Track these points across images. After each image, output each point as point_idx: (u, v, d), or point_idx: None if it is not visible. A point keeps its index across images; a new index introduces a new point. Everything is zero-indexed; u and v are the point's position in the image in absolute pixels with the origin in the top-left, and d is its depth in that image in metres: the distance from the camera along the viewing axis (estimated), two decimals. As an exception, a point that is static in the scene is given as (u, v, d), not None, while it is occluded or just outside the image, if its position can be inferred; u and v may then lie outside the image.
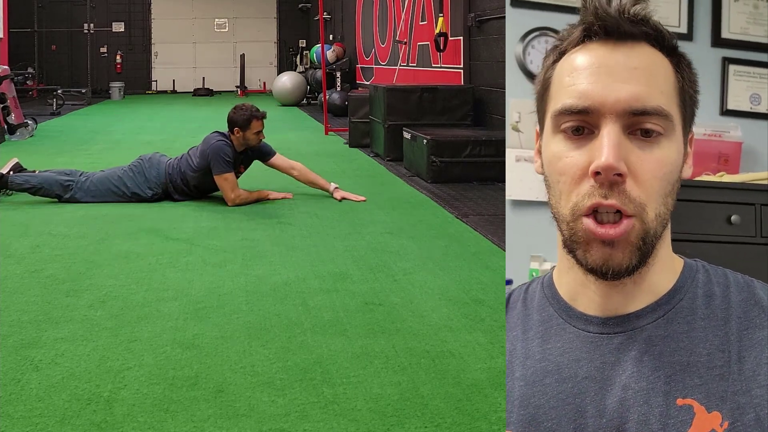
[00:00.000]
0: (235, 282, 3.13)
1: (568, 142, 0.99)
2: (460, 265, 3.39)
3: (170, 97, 18.03)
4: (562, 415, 0.98)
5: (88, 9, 16.15)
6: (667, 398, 0.94)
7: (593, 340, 1.01)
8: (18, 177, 4.79)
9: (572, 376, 1.00)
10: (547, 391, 1.00)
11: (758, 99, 3.30)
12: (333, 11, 15.11)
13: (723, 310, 1.00)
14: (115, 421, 1.93)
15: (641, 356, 0.98)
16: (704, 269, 1.05)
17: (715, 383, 0.94)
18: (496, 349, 2.40)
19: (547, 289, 1.09)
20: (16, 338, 2.48)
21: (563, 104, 0.99)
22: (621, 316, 1.01)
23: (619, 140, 0.95)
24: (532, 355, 1.04)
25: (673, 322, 1.00)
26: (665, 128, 0.97)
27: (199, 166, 4.76)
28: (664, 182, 0.97)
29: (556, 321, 1.05)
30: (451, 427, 1.91)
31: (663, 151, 0.97)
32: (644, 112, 0.96)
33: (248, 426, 1.91)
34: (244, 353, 2.37)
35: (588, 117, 0.97)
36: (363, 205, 4.78)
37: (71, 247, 3.68)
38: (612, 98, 0.96)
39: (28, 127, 8.52)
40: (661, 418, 0.93)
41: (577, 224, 0.97)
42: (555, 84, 1.02)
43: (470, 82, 7.21)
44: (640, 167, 0.96)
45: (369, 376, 2.19)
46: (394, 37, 10.16)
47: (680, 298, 1.01)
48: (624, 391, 0.96)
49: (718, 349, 0.96)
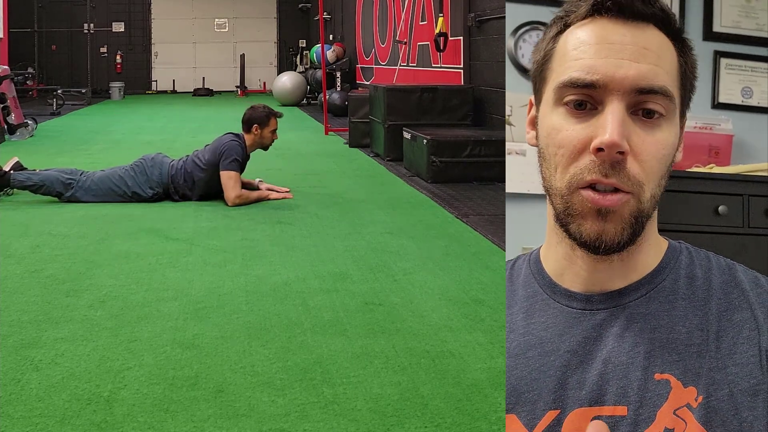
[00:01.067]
0: (235, 282, 3.13)
1: (570, 115, 0.98)
2: (460, 265, 3.39)
3: (170, 97, 18.03)
4: (543, 386, 1.00)
5: (88, 9, 16.14)
6: (645, 373, 0.97)
7: (576, 316, 1.03)
8: (20, 175, 4.79)
9: (555, 349, 1.02)
10: (530, 364, 1.02)
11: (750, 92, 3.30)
12: (333, 11, 15.11)
13: (704, 291, 1.02)
14: (115, 421, 1.93)
15: (622, 332, 1.00)
16: (687, 251, 1.07)
17: (693, 360, 0.97)
18: (496, 349, 2.40)
19: (533, 265, 1.10)
20: (16, 338, 2.48)
21: (570, 76, 0.98)
22: (604, 293, 1.03)
23: (624, 118, 0.95)
24: (515, 329, 1.06)
25: (654, 300, 1.02)
26: (667, 109, 0.98)
27: (209, 163, 4.80)
28: (662, 164, 0.98)
29: (540, 297, 1.07)
30: (451, 427, 1.91)
31: (663, 133, 0.98)
32: (651, 91, 0.96)
33: (248, 426, 1.91)
34: (244, 353, 2.37)
35: (593, 92, 0.97)
36: (363, 205, 4.78)
37: (71, 247, 3.68)
38: (620, 75, 0.96)
39: (28, 127, 8.52)
40: (639, 392, 0.96)
41: (573, 197, 0.98)
42: (558, 56, 1.02)
43: (470, 82, 7.21)
44: (641, 147, 0.96)
45: (369, 376, 2.19)
46: (394, 37, 10.16)
47: (663, 278, 1.03)
48: (604, 365, 0.98)
49: (697, 328, 0.99)
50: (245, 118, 4.95)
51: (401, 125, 6.62)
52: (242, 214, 4.48)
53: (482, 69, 7.01)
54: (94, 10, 17.23)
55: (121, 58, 19.33)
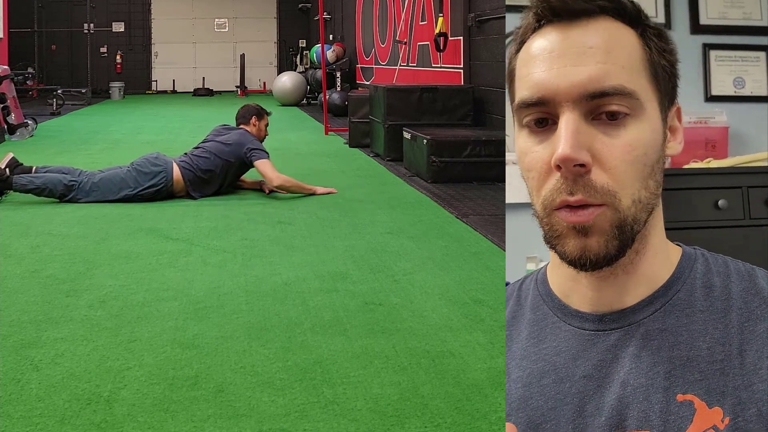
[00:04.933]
0: (235, 282, 3.13)
1: (533, 136, 0.94)
2: (460, 265, 3.39)
3: (170, 97, 18.03)
4: (561, 415, 0.95)
5: (88, 9, 16.14)
6: (666, 394, 0.91)
7: (589, 338, 0.98)
8: (21, 178, 4.78)
9: (569, 375, 0.97)
10: (545, 392, 0.97)
11: (742, 82, 3.30)
12: (333, 11, 15.11)
13: (723, 301, 0.96)
14: (115, 421, 1.93)
15: (639, 352, 0.95)
16: (703, 258, 1.01)
17: (716, 378, 0.91)
18: (496, 349, 2.40)
19: (540, 285, 1.06)
20: (16, 338, 2.48)
21: (520, 97, 0.94)
22: (616, 312, 0.98)
23: (578, 128, 0.90)
24: (527, 356, 1.01)
25: (670, 315, 0.96)
26: (631, 107, 0.91)
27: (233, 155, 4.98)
28: (637, 165, 0.92)
29: (551, 320, 1.02)
30: (451, 427, 1.91)
31: (632, 134, 0.91)
32: (603, 94, 0.90)
33: (248, 426, 1.91)
34: (244, 353, 2.37)
35: (546, 108, 0.92)
36: (363, 205, 4.78)
37: (71, 247, 3.68)
38: (565, 84, 0.90)
39: (28, 127, 8.51)
40: (662, 415, 0.90)
41: (551, 218, 0.93)
42: (517, 76, 0.97)
43: (470, 82, 7.21)
44: (606, 153, 0.90)
45: (369, 376, 2.19)
46: (394, 37, 10.16)
47: (677, 289, 0.98)
48: (623, 389, 0.93)
49: (718, 343, 0.93)
50: (240, 113, 5.30)
51: (401, 125, 6.62)
52: (242, 214, 4.48)
53: (482, 69, 7.01)
54: (94, 10, 17.24)
55: (121, 58, 19.33)
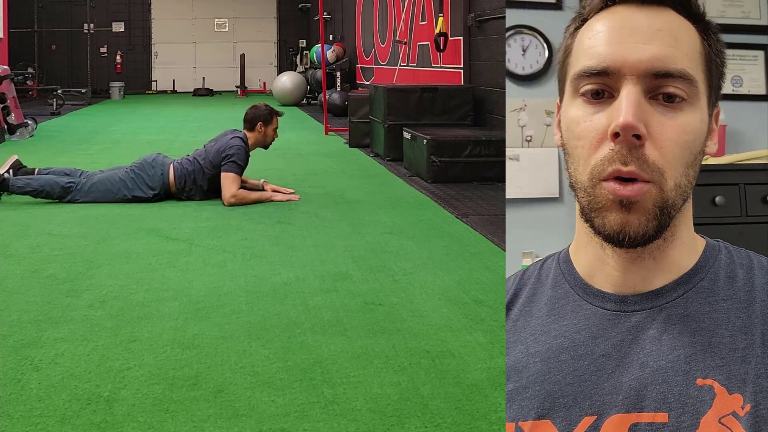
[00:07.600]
0: (235, 282, 3.13)
1: (588, 106, 0.97)
2: (460, 265, 3.39)
3: (170, 97, 18.03)
4: (578, 392, 0.96)
5: (88, 9, 16.15)
6: (686, 377, 0.92)
7: (610, 318, 0.99)
8: (19, 180, 4.78)
9: (588, 353, 0.98)
10: (563, 368, 0.98)
11: (740, 81, 3.31)
12: (333, 11, 15.11)
13: (746, 292, 0.98)
14: (115, 421, 1.93)
15: (660, 335, 0.96)
16: (726, 250, 1.03)
17: (737, 365, 0.92)
18: (496, 349, 2.40)
19: (563, 264, 1.07)
20: (16, 338, 2.48)
21: (583, 65, 0.97)
22: (639, 294, 0.99)
23: (639, 101, 0.92)
24: (547, 332, 1.02)
25: (693, 301, 0.98)
26: (689, 93, 0.95)
27: (213, 164, 4.82)
28: (685, 150, 0.95)
29: (572, 297, 1.03)
30: (451, 427, 1.91)
31: (685, 118, 0.94)
32: (667, 74, 0.93)
33: (248, 426, 1.91)
34: (244, 353, 2.37)
35: (608, 79, 0.95)
36: (363, 205, 4.78)
37: (71, 247, 3.68)
38: (633, 58, 0.93)
39: (28, 127, 8.51)
40: (680, 398, 0.92)
41: (596, 190, 0.95)
42: (576, 49, 1.00)
43: (470, 82, 7.21)
44: (660, 132, 0.93)
45: (369, 376, 2.19)
46: (394, 37, 10.16)
47: (701, 277, 1.00)
48: (641, 370, 0.95)
49: (740, 331, 0.94)
50: (248, 116, 4.99)
51: (401, 125, 6.62)
52: (242, 214, 4.48)
53: (482, 69, 7.01)
54: (94, 10, 17.25)
55: (121, 58, 19.33)
